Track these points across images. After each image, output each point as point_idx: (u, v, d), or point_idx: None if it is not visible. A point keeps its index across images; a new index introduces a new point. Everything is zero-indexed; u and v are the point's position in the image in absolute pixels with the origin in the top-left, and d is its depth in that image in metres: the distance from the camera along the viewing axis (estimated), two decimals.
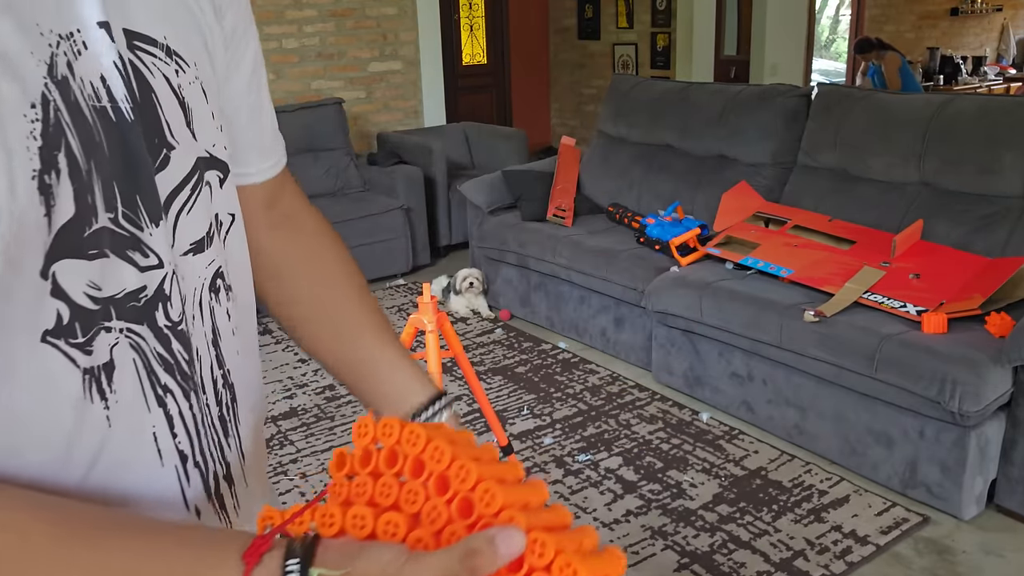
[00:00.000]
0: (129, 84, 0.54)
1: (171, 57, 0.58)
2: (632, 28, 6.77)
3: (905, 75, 6.17)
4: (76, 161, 0.49)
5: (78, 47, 0.51)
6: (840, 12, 10.85)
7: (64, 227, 0.49)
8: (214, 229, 0.63)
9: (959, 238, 2.82)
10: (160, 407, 0.58)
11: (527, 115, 7.60)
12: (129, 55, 0.54)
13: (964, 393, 2.23)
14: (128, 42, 0.55)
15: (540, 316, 3.89)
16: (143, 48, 0.56)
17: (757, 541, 2.33)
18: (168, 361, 0.58)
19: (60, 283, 0.50)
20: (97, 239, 0.52)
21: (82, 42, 0.51)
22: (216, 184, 0.64)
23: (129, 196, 0.54)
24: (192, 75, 0.59)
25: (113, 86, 0.53)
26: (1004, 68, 9.00)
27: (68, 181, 0.49)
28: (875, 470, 2.55)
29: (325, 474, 2.74)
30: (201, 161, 0.61)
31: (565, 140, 4.39)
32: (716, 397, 3.04)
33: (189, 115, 0.59)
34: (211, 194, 0.63)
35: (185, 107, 0.59)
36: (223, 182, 0.65)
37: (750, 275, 3.02)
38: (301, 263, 0.80)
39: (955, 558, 2.25)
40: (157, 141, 0.56)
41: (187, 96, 0.59)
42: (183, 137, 0.58)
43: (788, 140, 3.49)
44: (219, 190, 0.64)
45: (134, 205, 0.54)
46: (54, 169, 0.48)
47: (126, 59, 0.54)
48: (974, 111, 2.94)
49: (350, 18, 5.25)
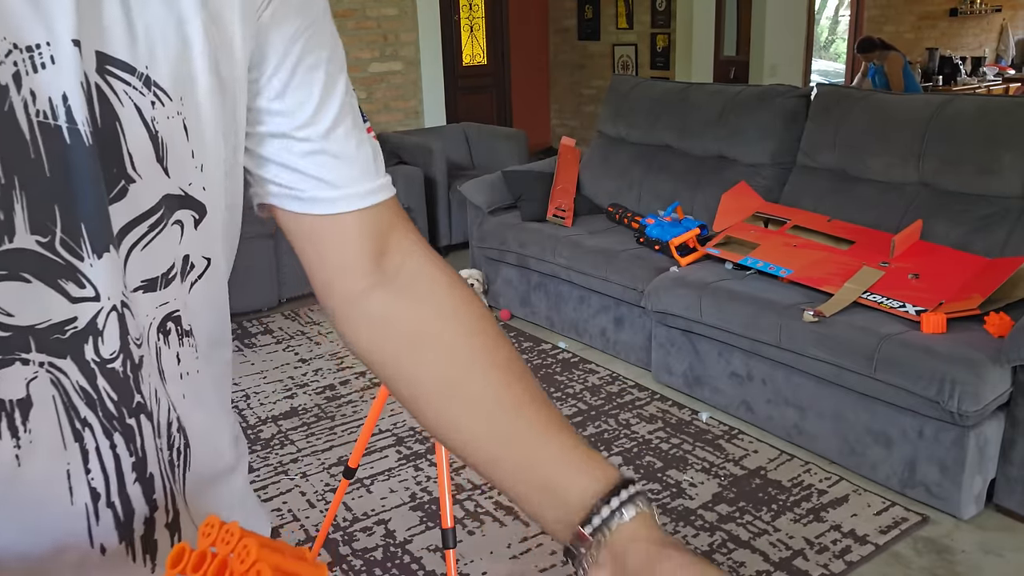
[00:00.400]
0: (92, 108, 0.51)
1: (149, 88, 0.54)
2: (632, 29, 6.78)
3: (906, 76, 6.18)
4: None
5: (42, 60, 0.48)
6: (839, 13, 10.86)
7: None
8: (176, 271, 0.59)
9: (958, 238, 2.83)
10: (76, 442, 0.54)
11: (527, 115, 7.60)
12: (96, 79, 0.51)
13: (963, 393, 2.23)
14: (99, 65, 0.51)
15: (540, 316, 3.89)
16: (115, 75, 0.52)
17: (756, 540, 2.33)
18: (91, 396, 0.54)
19: None
20: (11, 259, 0.48)
21: (49, 56, 0.48)
22: (190, 224, 0.59)
23: (71, 222, 0.50)
24: (173, 109, 0.55)
25: (74, 107, 0.50)
26: (1003, 69, 9.01)
27: None
28: (874, 470, 2.55)
29: (326, 473, 2.74)
30: (171, 199, 0.56)
31: (565, 140, 4.39)
32: (716, 397, 3.04)
33: (162, 150, 0.55)
34: (181, 234, 0.58)
35: (158, 142, 0.55)
36: (198, 223, 0.59)
37: (749, 275, 3.03)
38: (427, 338, 0.66)
39: (954, 558, 2.25)
40: (116, 171, 0.53)
41: (161, 131, 0.55)
42: (149, 172, 0.54)
43: (787, 140, 3.49)
44: (193, 231, 0.59)
45: (76, 232, 0.51)
46: None
47: (92, 82, 0.51)
48: (973, 111, 2.95)
49: (350, 19, 5.25)
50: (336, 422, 3.09)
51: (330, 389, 3.35)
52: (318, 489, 2.66)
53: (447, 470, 1.88)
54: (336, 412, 3.16)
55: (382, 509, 2.53)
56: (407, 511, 2.52)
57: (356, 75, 5.34)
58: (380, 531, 2.43)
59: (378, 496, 2.60)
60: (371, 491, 2.63)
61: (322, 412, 3.17)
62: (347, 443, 2.92)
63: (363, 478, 2.70)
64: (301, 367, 3.57)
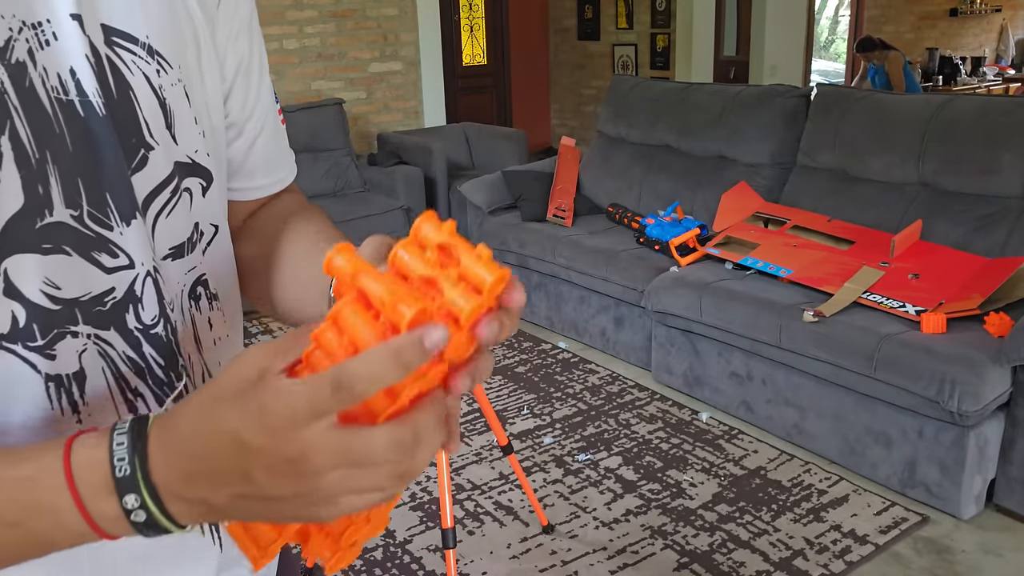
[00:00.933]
0: (104, 79, 0.52)
1: (152, 56, 0.55)
2: (632, 29, 6.77)
3: (906, 76, 6.18)
4: (23, 148, 0.47)
5: (46, 37, 0.49)
6: (839, 13, 10.85)
7: (13, 219, 0.47)
8: (196, 238, 0.61)
9: (958, 238, 2.83)
10: (131, 413, 0.55)
11: (527, 115, 7.60)
12: (106, 50, 0.52)
13: (963, 393, 2.23)
14: (106, 37, 0.53)
15: (540, 316, 3.89)
16: (122, 45, 0.54)
17: (756, 540, 2.33)
18: (139, 365, 0.55)
19: (13, 281, 0.48)
20: (53, 233, 0.49)
21: (52, 33, 0.49)
22: (198, 192, 0.60)
23: (97, 194, 0.51)
24: (175, 77, 0.57)
25: (83, 80, 0.51)
26: (1003, 69, 9.01)
27: (14, 167, 0.47)
28: (874, 470, 2.55)
29: None
30: (180, 166, 0.58)
31: (565, 140, 4.39)
32: (715, 397, 3.04)
33: (170, 117, 0.57)
34: (191, 202, 0.60)
35: (166, 109, 0.56)
36: (205, 191, 0.61)
37: (749, 275, 3.03)
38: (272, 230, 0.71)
39: (954, 558, 2.25)
40: (135, 140, 0.54)
41: (168, 98, 0.56)
42: (163, 139, 0.56)
43: (787, 140, 3.49)
44: (201, 199, 0.61)
45: (103, 204, 0.52)
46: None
47: (102, 54, 0.52)
48: (973, 111, 2.95)
49: (350, 19, 5.25)
50: None
51: None
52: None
53: (447, 470, 1.88)
54: None
55: None
56: (407, 511, 2.52)
57: (356, 75, 5.35)
58: None
59: None
60: None
61: None
62: None
63: None
64: None
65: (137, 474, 0.41)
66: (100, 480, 0.42)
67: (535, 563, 2.28)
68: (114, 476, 0.41)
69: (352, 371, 0.38)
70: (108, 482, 0.41)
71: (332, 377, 0.38)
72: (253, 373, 0.40)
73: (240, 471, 0.40)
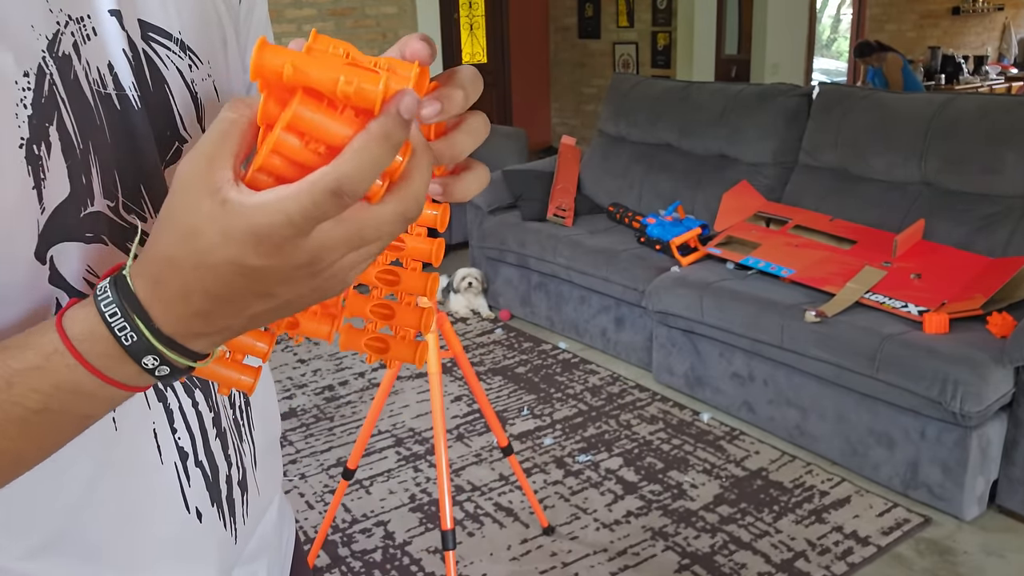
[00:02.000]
0: (141, 73, 0.53)
1: (185, 52, 0.57)
2: (633, 27, 6.76)
3: (907, 76, 6.16)
4: (70, 138, 0.49)
5: (87, 32, 0.51)
6: (841, 11, 10.83)
7: (60, 207, 0.48)
8: None
9: (961, 238, 2.81)
10: (160, 402, 0.57)
11: (527, 114, 7.59)
12: (143, 45, 0.54)
13: (966, 393, 2.22)
14: (143, 33, 0.54)
15: (540, 316, 3.88)
16: (158, 40, 0.55)
17: (758, 542, 2.32)
18: None
19: (59, 268, 0.49)
20: (93, 222, 0.51)
21: (92, 28, 0.51)
22: None
23: (132, 185, 0.53)
24: (205, 72, 0.59)
25: (121, 74, 0.52)
26: (1006, 67, 8.99)
27: (61, 156, 0.48)
28: (876, 471, 2.54)
29: (325, 475, 2.73)
30: None
31: (565, 139, 4.38)
32: (717, 397, 3.03)
33: (201, 111, 0.58)
34: None
35: (198, 103, 0.58)
36: None
37: (751, 275, 3.01)
38: None
39: (956, 559, 2.24)
40: (169, 134, 0.56)
41: (200, 92, 0.58)
42: (195, 132, 0.58)
43: (789, 139, 3.48)
44: None
45: (137, 195, 0.53)
46: (44, 141, 0.47)
47: (139, 48, 0.54)
48: (975, 110, 2.93)
49: (349, 17, 5.24)
50: (335, 423, 3.07)
51: (329, 390, 3.34)
52: (317, 490, 2.65)
53: (447, 471, 1.87)
54: (335, 413, 3.15)
55: (381, 510, 2.52)
56: (406, 512, 2.51)
57: None
58: (379, 532, 2.42)
59: (377, 497, 2.59)
60: (370, 492, 2.62)
61: (321, 413, 3.16)
62: (346, 444, 2.91)
63: (362, 479, 2.68)
64: (300, 368, 3.56)
65: (147, 337, 0.42)
66: (107, 350, 0.42)
67: (535, 565, 2.27)
68: (122, 345, 0.42)
69: (348, 173, 0.38)
70: (117, 351, 0.42)
71: (329, 184, 0.38)
72: (207, 199, 0.39)
73: (257, 292, 0.41)
